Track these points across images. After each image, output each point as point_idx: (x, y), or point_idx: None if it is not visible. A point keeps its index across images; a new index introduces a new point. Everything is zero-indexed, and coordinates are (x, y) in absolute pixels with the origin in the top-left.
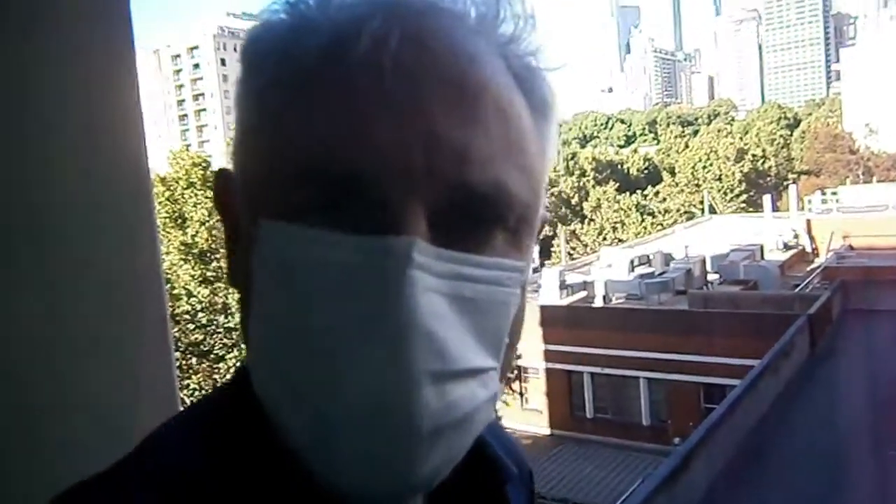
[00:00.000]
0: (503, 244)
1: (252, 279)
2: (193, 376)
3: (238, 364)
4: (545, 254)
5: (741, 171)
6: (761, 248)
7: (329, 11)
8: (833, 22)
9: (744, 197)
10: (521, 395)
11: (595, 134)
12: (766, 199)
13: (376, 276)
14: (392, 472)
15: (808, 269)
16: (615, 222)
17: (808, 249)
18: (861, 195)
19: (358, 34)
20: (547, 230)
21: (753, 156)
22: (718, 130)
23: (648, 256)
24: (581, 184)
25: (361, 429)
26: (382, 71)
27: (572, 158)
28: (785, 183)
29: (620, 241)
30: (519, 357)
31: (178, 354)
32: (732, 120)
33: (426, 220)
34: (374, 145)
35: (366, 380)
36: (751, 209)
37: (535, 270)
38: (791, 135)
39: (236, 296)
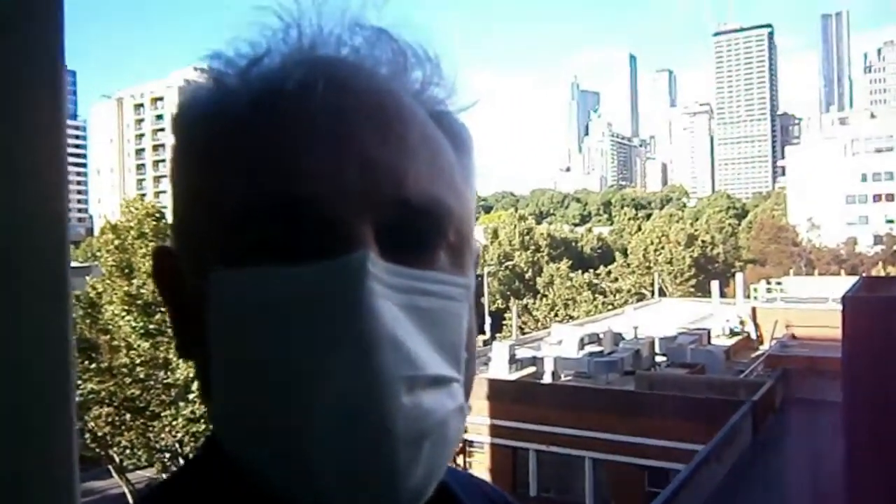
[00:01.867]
0: (447, 263)
1: (208, 341)
2: (126, 433)
3: (174, 422)
4: (496, 327)
5: (691, 256)
6: (708, 332)
7: (251, 78)
8: (780, 121)
9: (693, 281)
10: (465, 469)
11: (551, 211)
12: (714, 285)
13: (337, 294)
14: (378, 485)
15: (753, 355)
16: (567, 299)
17: (753, 336)
18: (804, 286)
19: (284, 81)
20: (500, 303)
21: (703, 242)
22: (670, 215)
23: (598, 335)
24: (535, 259)
25: (342, 443)
26: (312, 110)
27: (528, 233)
28: (732, 270)
29: (571, 317)
30: (465, 430)
31: (111, 409)
32: (684, 206)
33: (374, 239)
34: (312, 172)
35: (340, 393)
36: (699, 293)
37: (486, 343)
38: (739, 224)
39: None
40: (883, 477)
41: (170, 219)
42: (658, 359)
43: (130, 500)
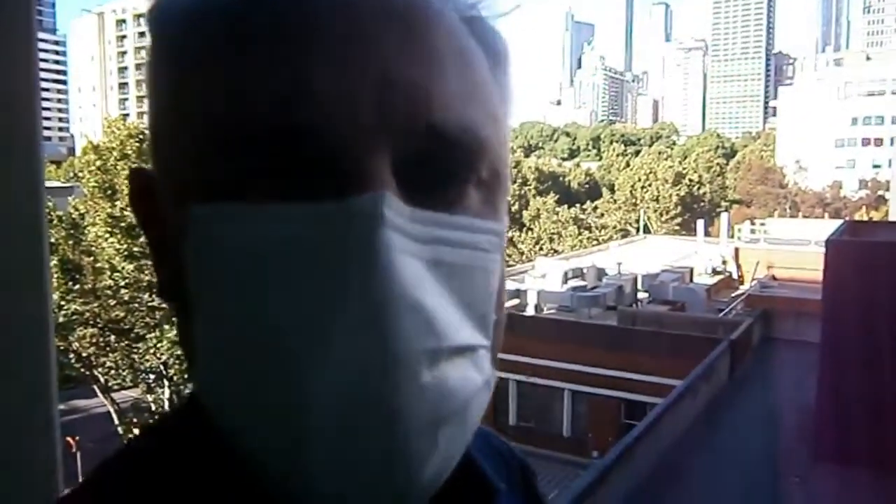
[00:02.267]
0: (478, 203)
1: (188, 281)
2: (111, 354)
3: (158, 344)
4: None
5: (678, 195)
6: (691, 271)
7: None
8: (774, 60)
9: (678, 220)
10: None
11: (540, 144)
12: (700, 224)
13: (344, 245)
14: (390, 479)
15: (733, 295)
16: (553, 233)
17: (735, 276)
18: (787, 228)
19: None
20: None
21: (690, 180)
22: (659, 153)
23: (582, 270)
24: (522, 192)
25: (346, 426)
26: (318, 8)
27: (515, 167)
28: (718, 210)
29: (556, 252)
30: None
31: (95, 331)
32: (674, 144)
33: (392, 174)
34: (315, 91)
35: (347, 369)
36: (684, 232)
37: None
38: (727, 164)
39: None
40: (856, 415)
41: None
42: (640, 295)
43: (116, 419)
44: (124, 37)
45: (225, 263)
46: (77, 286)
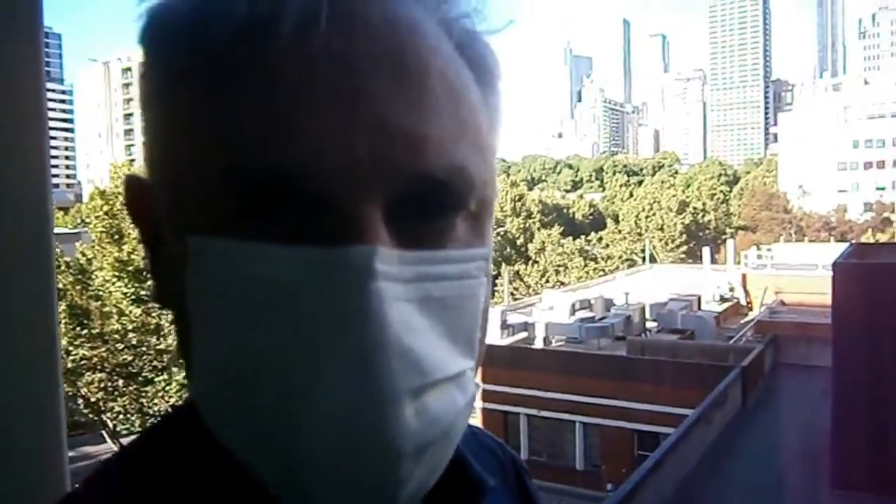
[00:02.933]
0: (466, 232)
1: (186, 300)
2: (119, 399)
3: (167, 387)
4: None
5: (682, 223)
6: (699, 298)
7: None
8: (773, 87)
9: (684, 248)
10: None
11: (543, 177)
12: (706, 252)
13: (333, 292)
14: (375, 496)
15: (742, 321)
16: (558, 265)
17: (743, 303)
18: (793, 253)
19: (278, 13)
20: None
21: (694, 209)
22: (662, 182)
23: (590, 301)
24: (527, 225)
25: (337, 461)
26: (312, 55)
27: (520, 200)
28: (723, 237)
29: (563, 283)
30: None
31: (103, 375)
32: (676, 173)
33: (382, 220)
34: (309, 138)
35: (337, 404)
36: (690, 260)
37: None
38: (730, 191)
39: (170, 317)
40: (870, 440)
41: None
42: (649, 324)
43: None
44: (129, 84)
45: (221, 296)
46: (85, 331)
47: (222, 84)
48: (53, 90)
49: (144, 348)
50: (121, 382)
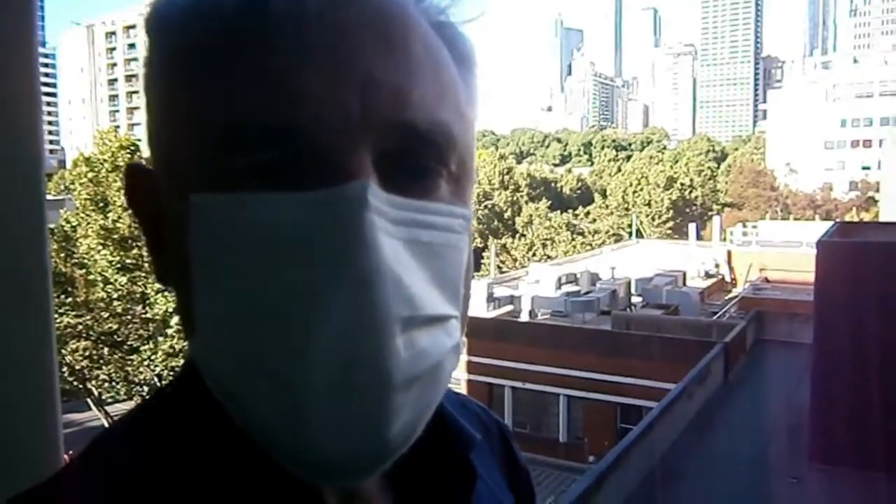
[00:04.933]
0: (448, 192)
1: (191, 266)
2: (104, 367)
3: (153, 356)
4: (475, 266)
5: (669, 199)
6: (684, 274)
7: None
8: (763, 64)
9: (670, 224)
10: None
11: (532, 151)
12: (692, 228)
13: (333, 226)
14: (367, 430)
15: (727, 297)
16: (545, 239)
17: (728, 279)
18: (779, 230)
19: None
20: (478, 242)
21: (682, 184)
22: (650, 157)
23: (576, 275)
24: (515, 199)
25: (334, 384)
26: (307, 20)
27: (507, 173)
28: (710, 213)
29: (549, 257)
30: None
31: (88, 343)
32: (664, 148)
33: (373, 167)
34: (307, 94)
35: (336, 333)
36: (676, 236)
37: None
38: (718, 167)
39: (156, 285)
40: (849, 415)
41: (145, 150)
42: (634, 299)
43: None
44: (114, 49)
45: (227, 246)
46: (69, 299)
47: (224, 52)
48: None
49: (130, 317)
50: (106, 351)
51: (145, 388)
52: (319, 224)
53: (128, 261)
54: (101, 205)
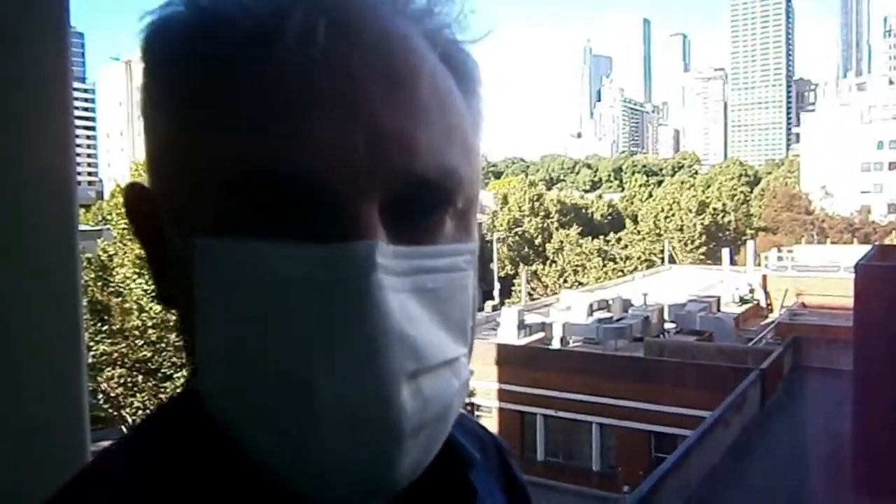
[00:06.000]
0: (454, 228)
1: (193, 300)
2: (138, 394)
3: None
4: (506, 293)
5: (702, 224)
6: (718, 300)
7: (234, 13)
8: (795, 87)
9: (703, 249)
10: None
11: (562, 177)
12: (725, 253)
13: (339, 285)
14: (376, 474)
15: (762, 323)
16: (576, 265)
17: (763, 304)
18: (815, 255)
19: (279, 27)
20: (509, 269)
21: (714, 209)
22: (682, 182)
23: (608, 301)
24: (545, 225)
25: (339, 441)
26: (313, 66)
27: (538, 199)
28: (743, 238)
29: (581, 284)
30: (473, 395)
31: (123, 371)
32: (696, 173)
33: (379, 218)
34: (313, 143)
35: (340, 392)
36: (709, 261)
37: (495, 309)
38: (751, 191)
39: None
40: (892, 443)
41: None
42: (667, 326)
43: None
44: None
45: (230, 295)
46: (105, 327)
47: (227, 92)
48: (76, 89)
49: (163, 344)
50: (140, 378)
51: None
52: (326, 281)
53: None
54: None
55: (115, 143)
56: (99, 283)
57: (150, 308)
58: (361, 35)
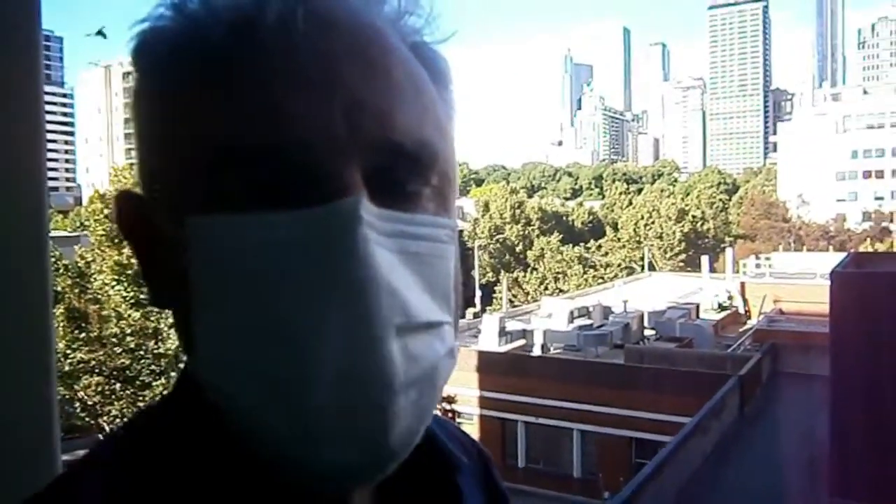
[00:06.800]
0: (432, 203)
1: (188, 287)
2: (116, 402)
3: (165, 391)
4: (487, 300)
5: (681, 231)
6: (697, 307)
7: (217, 8)
8: (773, 96)
9: (682, 256)
10: None
11: (543, 185)
12: (704, 260)
13: (328, 241)
14: (370, 436)
15: (741, 330)
16: (557, 272)
17: (742, 311)
18: (792, 262)
19: (260, 13)
20: (490, 276)
21: (693, 217)
22: (661, 190)
23: (588, 308)
24: (526, 232)
25: (335, 393)
26: (294, 47)
27: (519, 207)
28: (722, 245)
29: (561, 291)
30: (454, 402)
31: (101, 379)
32: (675, 181)
33: (363, 185)
34: (296, 115)
35: (335, 343)
36: (689, 268)
37: (476, 316)
38: (729, 199)
39: (169, 321)
40: (869, 449)
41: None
42: (647, 332)
43: None
44: (130, 88)
45: (225, 265)
46: (83, 334)
47: (215, 77)
48: (54, 94)
49: (142, 352)
50: (118, 386)
51: None
52: (316, 240)
53: (141, 296)
54: (116, 241)
55: (93, 148)
56: (76, 290)
57: (129, 315)
58: (337, 23)
